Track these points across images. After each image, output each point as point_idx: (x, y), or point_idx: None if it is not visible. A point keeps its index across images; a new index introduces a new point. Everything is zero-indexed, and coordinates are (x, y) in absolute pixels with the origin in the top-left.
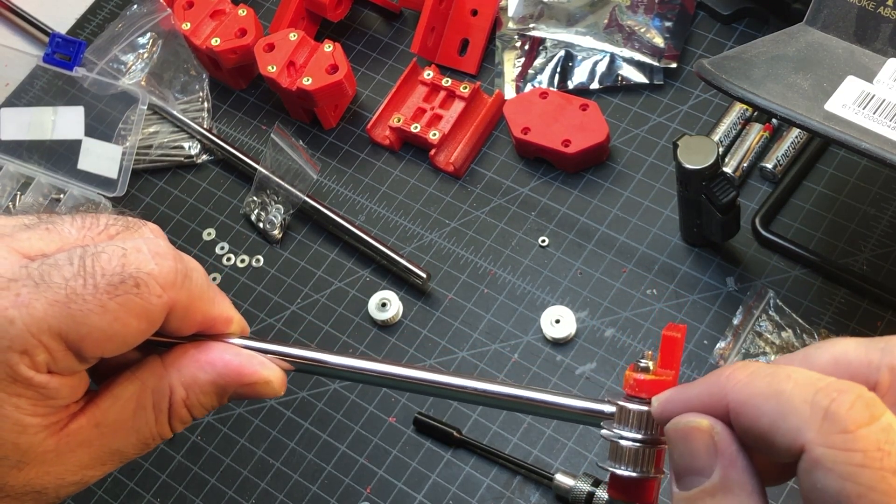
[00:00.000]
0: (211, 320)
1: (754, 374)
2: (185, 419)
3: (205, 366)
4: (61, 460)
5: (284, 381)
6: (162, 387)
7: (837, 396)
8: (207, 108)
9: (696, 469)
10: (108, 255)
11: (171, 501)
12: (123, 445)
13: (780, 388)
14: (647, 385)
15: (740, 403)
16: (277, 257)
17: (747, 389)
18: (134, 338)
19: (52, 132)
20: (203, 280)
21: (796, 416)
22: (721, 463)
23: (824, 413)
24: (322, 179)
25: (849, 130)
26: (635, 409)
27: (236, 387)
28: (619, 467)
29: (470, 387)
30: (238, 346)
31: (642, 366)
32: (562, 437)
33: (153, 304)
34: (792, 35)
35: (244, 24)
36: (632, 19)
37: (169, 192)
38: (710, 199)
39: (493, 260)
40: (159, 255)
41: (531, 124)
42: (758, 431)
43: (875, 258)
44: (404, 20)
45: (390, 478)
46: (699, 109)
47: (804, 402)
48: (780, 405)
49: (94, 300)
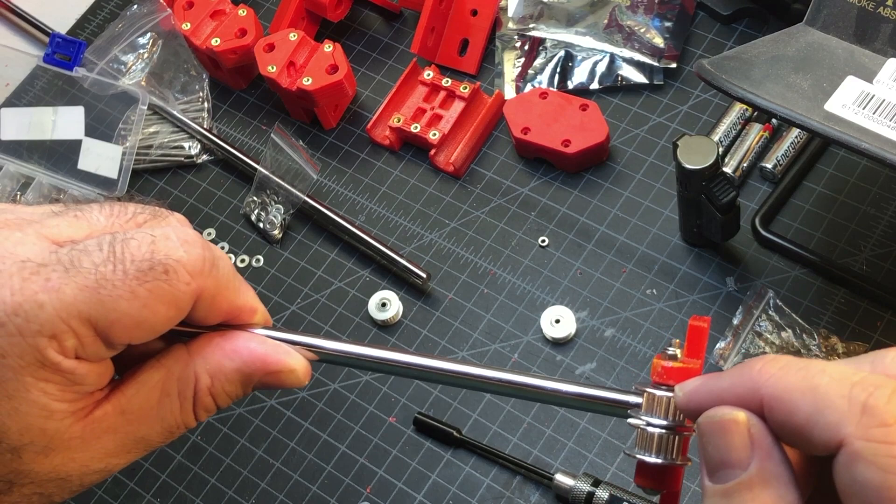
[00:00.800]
0: (236, 310)
1: (787, 367)
2: (210, 407)
3: (230, 354)
4: (87, 447)
5: (309, 371)
6: (187, 374)
7: (874, 391)
8: (207, 108)
9: (733, 462)
10: (137, 242)
11: (171, 501)
12: (148, 433)
13: (816, 382)
14: (674, 372)
15: (775, 398)
16: (277, 257)
17: (782, 384)
18: (162, 325)
19: (52, 132)
20: (229, 269)
21: (834, 411)
22: (758, 455)
23: (862, 407)
24: (322, 179)
25: (849, 130)
26: (663, 396)
27: (261, 375)
28: (647, 454)
29: (499, 378)
30: (263, 336)
31: (670, 353)
32: (562, 437)
33: (182, 290)
34: (792, 35)
35: (244, 24)
36: (632, 19)
37: (169, 192)
38: (710, 199)
39: (493, 260)
40: (188, 243)
41: (531, 124)
42: (794, 426)
43: (875, 258)
44: (404, 20)
45: (390, 478)
46: (699, 109)
47: (841, 397)
48: (816, 400)
49: (124, 286)
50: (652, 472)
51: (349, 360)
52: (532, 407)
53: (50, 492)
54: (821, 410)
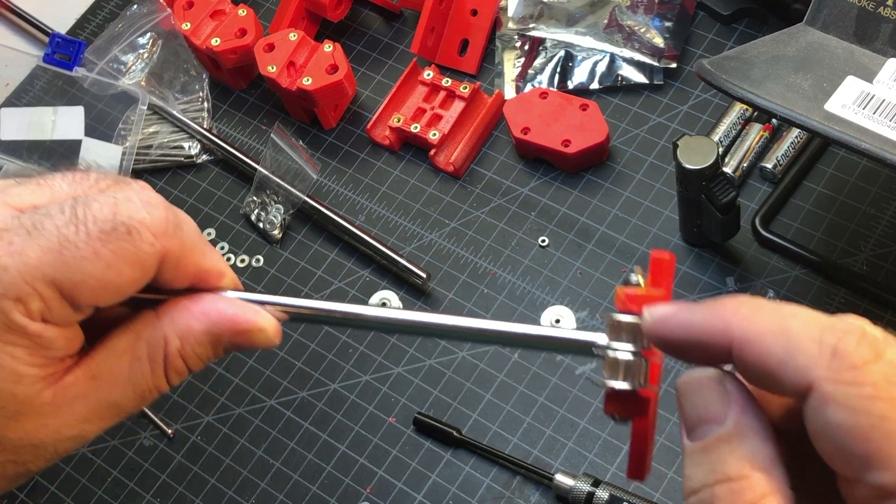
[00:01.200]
0: (203, 273)
1: (759, 309)
2: (182, 370)
3: (198, 315)
4: (59, 413)
5: (279, 330)
6: (156, 337)
7: (844, 335)
8: (207, 108)
9: (710, 418)
10: (99, 204)
11: (171, 501)
12: (121, 398)
13: (787, 325)
14: (637, 299)
15: (746, 340)
16: (277, 257)
17: (754, 326)
18: (127, 286)
19: (52, 132)
20: (194, 232)
21: (804, 355)
22: (734, 409)
23: (832, 351)
24: (322, 179)
25: (849, 130)
26: (627, 321)
27: (231, 336)
28: (614, 381)
29: (465, 326)
30: (231, 298)
31: (633, 281)
32: (562, 437)
33: (146, 251)
34: (792, 35)
35: (244, 24)
36: (632, 19)
37: (169, 192)
38: (710, 199)
39: (493, 260)
40: (150, 205)
41: (531, 124)
42: (764, 368)
43: (875, 258)
44: (404, 20)
45: (390, 478)
46: (699, 109)
47: (812, 341)
48: (787, 343)
49: (87, 247)
50: (620, 400)
51: (319, 316)
52: (532, 407)
53: (25, 459)
54: (791, 354)
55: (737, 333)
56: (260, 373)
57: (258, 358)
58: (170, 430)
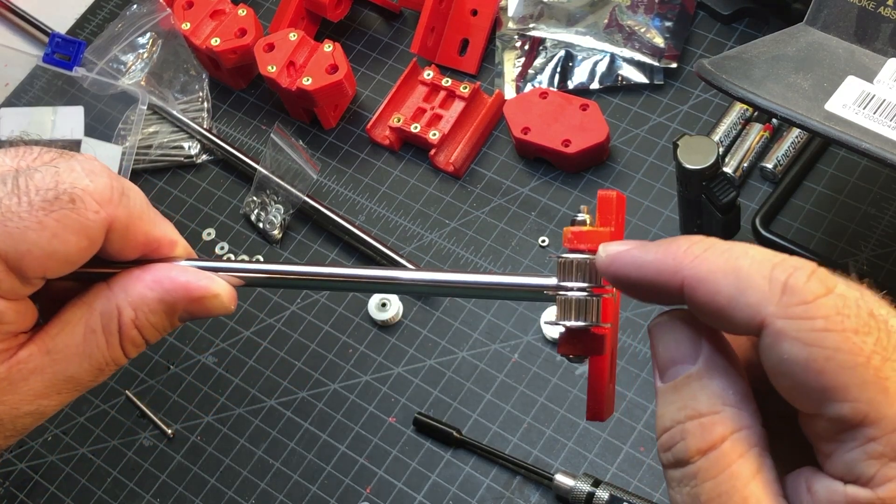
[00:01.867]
0: (154, 242)
1: (711, 249)
2: (138, 341)
3: (151, 284)
4: (14, 389)
5: (234, 296)
6: (109, 308)
7: (794, 272)
8: (207, 108)
9: (681, 358)
10: (41, 175)
11: (171, 501)
12: (77, 371)
13: (738, 264)
14: (584, 236)
15: (697, 279)
16: (277, 257)
17: (705, 265)
18: (75, 255)
19: (52, 132)
20: (142, 200)
21: (756, 292)
22: (705, 349)
23: (783, 287)
24: (322, 179)
25: (849, 130)
26: (576, 259)
27: (185, 303)
28: (567, 320)
29: (418, 279)
30: (184, 266)
31: (579, 219)
32: (562, 437)
33: (90, 219)
34: (792, 35)
35: (244, 24)
36: (632, 19)
37: (169, 191)
38: (710, 199)
39: (493, 260)
40: (94, 173)
41: (531, 124)
42: (715, 307)
43: (875, 258)
44: (404, 20)
45: (390, 478)
46: (699, 109)
47: (763, 278)
48: (738, 281)
49: (31, 217)
50: (575, 338)
51: (273, 279)
52: (532, 407)
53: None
54: (742, 291)
55: (687, 272)
56: (260, 373)
57: (258, 358)
58: (169, 430)
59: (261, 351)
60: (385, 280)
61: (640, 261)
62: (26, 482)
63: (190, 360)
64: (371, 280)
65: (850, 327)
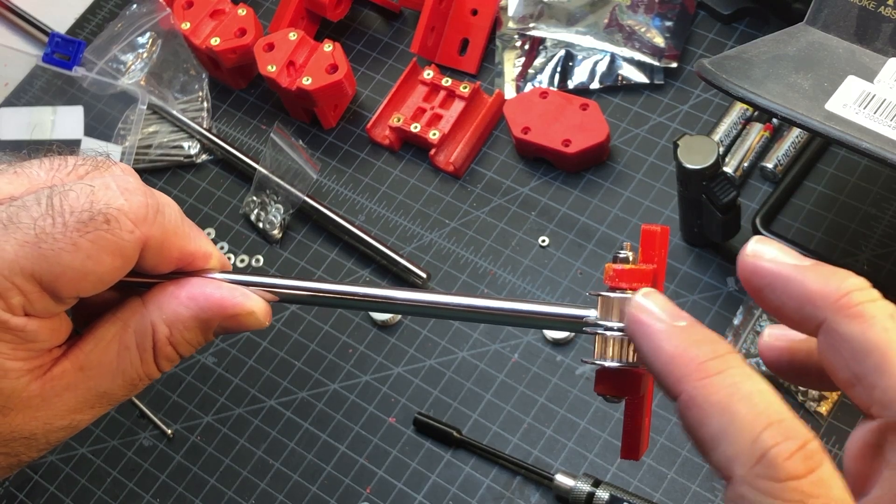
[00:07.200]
0: (189, 256)
1: (723, 374)
2: (172, 357)
3: (186, 301)
4: (48, 405)
5: (269, 312)
6: (144, 325)
7: (782, 442)
8: (207, 107)
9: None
10: (76, 194)
11: (171, 501)
12: (110, 387)
13: (735, 408)
14: (626, 275)
15: (692, 403)
16: (277, 257)
17: (704, 392)
18: (110, 275)
19: (52, 132)
20: (177, 215)
21: (734, 447)
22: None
23: (761, 455)
24: (322, 179)
25: (849, 130)
26: (617, 298)
27: (220, 320)
28: (604, 360)
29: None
30: (219, 280)
31: (621, 257)
32: (562, 437)
33: (125, 239)
34: (792, 35)
35: (244, 24)
36: (632, 19)
37: (168, 191)
38: (710, 199)
39: (493, 260)
40: (129, 191)
41: (531, 124)
42: (696, 436)
43: (875, 258)
44: (404, 20)
45: (390, 478)
46: (699, 109)
47: (749, 435)
48: (726, 425)
49: (65, 238)
50: (611, 379)
51: (307, 297)
52: (532, 407)
53: (16, 451)
54: (724, 439)
55: (685, 389)
56: (260, 373)
57: (258, 358)
58: (169, 430)
59: (261, 351)
60: (429, 304)
61: (658, 350)
62: (26, 482)
63: (190, 360)
64: (414, 304)
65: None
